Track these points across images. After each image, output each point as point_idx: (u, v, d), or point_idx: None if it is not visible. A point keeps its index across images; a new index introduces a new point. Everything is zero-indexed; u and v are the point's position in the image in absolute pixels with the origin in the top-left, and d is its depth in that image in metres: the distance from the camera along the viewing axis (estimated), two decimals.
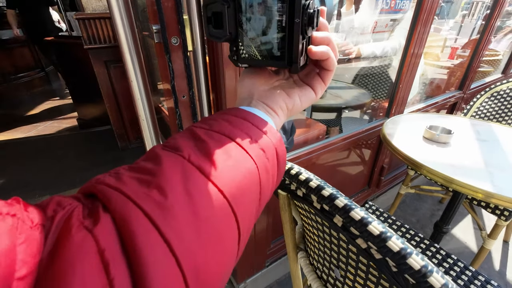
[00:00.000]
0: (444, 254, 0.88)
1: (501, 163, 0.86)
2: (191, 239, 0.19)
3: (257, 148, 0.25)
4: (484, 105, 1.42)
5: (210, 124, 0.26)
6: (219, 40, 0.27)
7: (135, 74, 0.59)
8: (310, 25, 0.24)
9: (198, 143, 0.24)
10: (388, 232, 0.33)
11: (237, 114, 0.27)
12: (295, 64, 0.26)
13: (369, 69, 1.83)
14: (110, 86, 2.01)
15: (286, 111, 0.31)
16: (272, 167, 0.27)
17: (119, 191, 0.19)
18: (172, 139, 0.25)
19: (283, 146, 0.29)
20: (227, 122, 0.26)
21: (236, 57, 0.28)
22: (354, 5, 1.64)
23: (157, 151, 0.23)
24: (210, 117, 0.28)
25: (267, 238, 1.19)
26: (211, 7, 0.26)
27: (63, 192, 1.78)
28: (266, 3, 0.24)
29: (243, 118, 0.27)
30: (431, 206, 1.85)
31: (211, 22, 0.26)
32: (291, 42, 0.25)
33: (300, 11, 0.23)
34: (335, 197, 0.37)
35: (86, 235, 0.16)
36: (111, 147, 2.33)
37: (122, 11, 0.53)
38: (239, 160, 0.24)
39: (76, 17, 1.74)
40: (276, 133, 0.28)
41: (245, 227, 0.24)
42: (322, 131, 1.36)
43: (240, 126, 0.26)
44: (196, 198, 0.20)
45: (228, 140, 0.25)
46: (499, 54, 2.52)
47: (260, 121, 0.28)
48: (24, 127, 2.88)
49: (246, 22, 0.26)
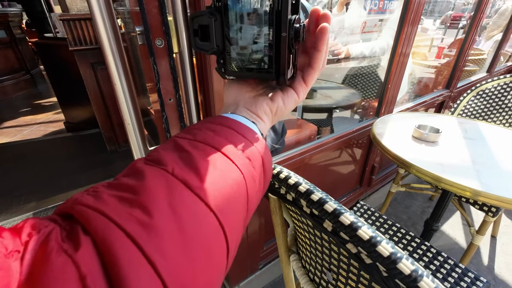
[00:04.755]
0: (435, 252, 0.89)
1: (487, 161, 0.88)
2: (178, 258, 0.18)
3: (243, 157, 0.25)
4: (471, 104, 1.44)
5: (194, 134, 0.25)
6: (206, 52, 0.27)
7: (119, 77, 0.57)
8: (296, 39, 0.25)
9: (182, 154, 0.23)
10: (378, 237, 0.32)
11: (222, 122, 0.27)
12: (282, 76, 0.27)
13: (358, 69, 1.84)
14: (98, 89, 1.97)
15: (270, 115, 0.31)
16: (258, 175, 0.26)
17: (99, 211, 0.18)
18: (155, 152, 0.24)
19: (269, 153, 0.29)
20: (212, 131, 0.26)
21: (224, 70, 0.28)
22: (345, 6, 1.66)
23: (138, 165, 0.22)
24: (194, 126, 0.27)
25: (260, 240, 1.18)
26: (198, 20, 0.26)
27: (50, 198, 1.73)
28: (254, 17, 0.24)
29: (228, 127, 0.26)
30: (421, 203, 1.88)
31: (198, 35, 0.26)
32: (278, 55, 0.25)
33: (287, 26, 0.24)
34: (324, 201, 0.37)
35: (66, 260, 0.15)
36: (100, 150, 2.28)
37: (103, 11, 0.51)
38: (225, 171, 0.23)
39: (61, 18, 1.70)
40: (262, 141, 0.28)
41: (234, 239, 0.23)
42: (313, 132, 1.36)
43: (225, 135, 0.25)
44: (182, 214, 0.19)
45: (213, 150, 0.24)
46: (483, 53, 2.58)
47: (246, 129, 0.27)
48: (9, 131, 2.79)
49: (233, 35, 0.26)
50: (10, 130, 2.82)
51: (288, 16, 0.24)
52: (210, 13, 0.25)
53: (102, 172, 2.03)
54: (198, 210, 0.20)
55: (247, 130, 0.27)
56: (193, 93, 0.66)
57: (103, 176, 1.96)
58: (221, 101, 0.73)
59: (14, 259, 0.15)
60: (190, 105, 0.69)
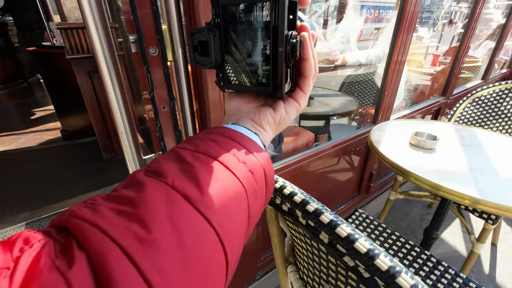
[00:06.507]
0: (435, 262, 0.88)
1: (485, 168, 0.87)
2: (176, 275, 0.17)
3: (245, 170, 0.24)
4: (467, 111, 1.45)
5: (195, 145, 0.25)
6: (205, 67, 0.27)
7: (113, 86, 0.56)
8: (293, 54, 0.26)
9: (184, 166, 0.22)
10: (375, 250, 0.31)
11: (224, 133, 0.26)
12: (280, 90, 0.27)
13: (355, 76, 1.86)
14: (94, 97, 1.96)
15: (274, 125, 0.31)
16: (260, 189, 0.26)
17: (95, 225, 0.17)
18: (155, 163, 0.23)
19: (271, 165, 0.28)
20: (214, 143, 0.25)
21: (222, 83, 0.29)
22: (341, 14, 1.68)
23: (138, 177, 0.22)
24: (196, 136, 0.27)
25: (257, 250, 1.16)
26: (197, 36, 0.26)
27: (44, 208, 1.70)
28: (252, 33, 0.25)
29: (230, 138, 0.26)
30: (420, 210, 1.86)
31: (197, 50, 0.27)
32: (275, 70, 0.26)
33: (283, 41, 0.25)
34: (320, 212, 0.36)
35: (58, 279, 0.14)
36: (96, 158, 2.25)
37: (97, 21, 0.51)
38: (226, 184, 0.22)
39: (58, 27, 1.70)
40: (264, 153, 0.27)
41: (234, 255, 0.23)
42: (310, 139, 1.36)
43: (227, 147, 0.25)
44: (181, 229, 0.19)
45: (214, 162, 0.23)
46: (478, 61, 2.62)
47: (248, 140, 0.27)
48: (4, 139, 2.76)
49: (232, 50, 0.27)
50: (6, 139, 2.79)
51: (285, 32, 0.24)
52: (209, 29, 0.26)
53: (98, 180, 2.00)
54: (198, 225, 0.20)
55: (249, 141, 0.27)
56: (188, 101, 0.66)
57: (99, 184, 1.94)
58: (216, 109, 0.72)
59: (3, 276, 0.14)
60: (185, 113, 0.68)
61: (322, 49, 1.63)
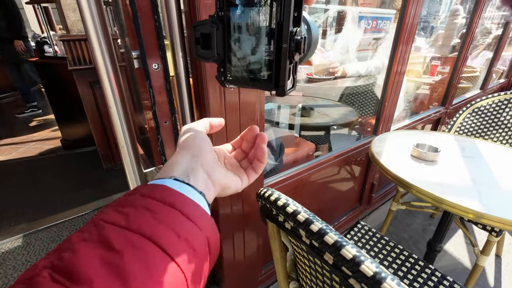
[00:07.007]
0: (440, 276, 0.86)
1: (488, 181, 0.86)
2: None
3: (186, 249, 0.21)
4: (467, 121, 1.45)
5: (126, 216, 0.21)
6: (207, 60, 0.27)
7: (114, 100, 0.56)
8: (297, 51, 0.25)
9: (109, 256, 0.18)
10: (382, 273, 0.30)
11: (163, 198, 0.23)
12: (282, 87, 0.27)
13: (354, 87, 1.87)
14: (95, 107, 1.97)
15: (220, 188, 0.30)
16: (202, 263, 0.23)
17: None
18: (69, 252, 0.18)
19: (215, 230, 0.25)
20: (150, 213, 0.21)
21: (224, 78, 0.28)
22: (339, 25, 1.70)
23: (40, 283, 0.16)
24: (128, 199, 0.23)
25: (258, 263, 1.14)
26: (200, 29, 0.26)
27: (41, 220, 1.68)
28: (256, 28, 0.25)
29: (171, 205, 0.22)
30: (422, 221, 1.84)
31: (199, 43, 0.27)
32: (278, 66, 0.26)
33: (288, 37, 0.24)
34: (324, 232, 0.35)
35: None
36: (96, 168, 2.25)
37: (99, 34, 0.51)
38: (164, 279, 0.19)
39: (61, 39, 1.72)
40: (208, 219, 0.25)
41: None
42: (311, 149, 1.35)
43: (166, 220, 0.21)
44: None
45: (150, 245, 0.20)
46: (476, 71, 2.64)
47: (192, 206, 0.24)
48: (4, 149, 2.76)
49: (235, 44, 0.26)
50: (6, 148, 2.79)
51: (290, 28, 0.24)
52: (212, 22, 0.25)
53: (97, 190, 1.99)
54: None
55: (193, 208, 0.24)
56: (189, 116, 0.66)
57: (98, 195, 1.92)
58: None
59: None
60: None
61: (322, 61, 1.64)
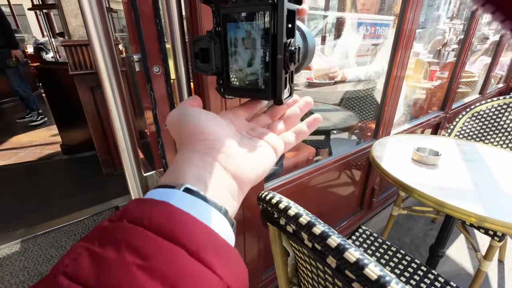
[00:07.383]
0: (443, 282, 0.85)
1: (489, 185, 0.86)
2: None
3: None
4: (467, 125, 1.45)
5: (100, 268, 0.13)
6: (206, 73, 0.28)
7: (115, 103, 0.56)
8: (292, 61, 0.26)
9: None
10: (386, 276, 0.30)
11: (162, 226, 0.14)
12: (279, 96, 0.28)
13: (354, 92, 1.88)
14: (96, 112, 1.97)
15: (256, 178, 0.24)
16: None
17: None
18: None
19: (242, 274, 0.17)
20: (138, 258, 0.13)
21: (223, 89, 0.30)
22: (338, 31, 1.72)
23: None
24: (111, 228, 0.15)
25: (259, 269, 1.12)
26: (199, 43, 0.27)
27: (39, 225, 1.66)
28: (251, 41, 0.26)
29: (173, 239, 0.14)
30: (423, 225, 1.83)
31: (199, 57, 0.28)
32: (274, 76, 0.27)
33: (282, 48, 0.25)
34: (327, 235, 0.35)
35: None
36: (95, 173, 2.24)
37: (101, 39, 0.52)
38: None
39: (62, 44, 1.74)
40: (233, 256, 0.16)
41: None
42: (311, 154, 1.35)
43: (162, 269, 0.13)
44: None
45: None
46: (474, 76, 2.66)
47: (207, 238, 0.15)
48: (4, 154, 2.75)
49: (232, 58, 0.28)
50: (5, 153, 2.78)
51: (284, 40, 0.25)
52: (210, 37, 0.27)
53: (97, 195, 1.98)
54: None
55: (208, 240, 0.15)
56: None
57: (98, 200, 1.91)
58: None
59: None
60: None
61: (322, 66, 1.65)
